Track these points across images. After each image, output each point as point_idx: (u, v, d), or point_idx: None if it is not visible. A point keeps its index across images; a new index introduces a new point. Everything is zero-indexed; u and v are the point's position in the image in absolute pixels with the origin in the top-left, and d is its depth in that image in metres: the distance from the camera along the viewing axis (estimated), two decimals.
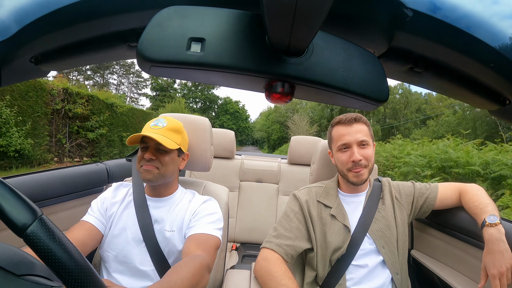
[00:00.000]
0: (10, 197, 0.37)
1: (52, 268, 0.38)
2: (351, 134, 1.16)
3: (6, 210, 0.36)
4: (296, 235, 1.17)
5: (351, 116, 1.18)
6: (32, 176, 1.36)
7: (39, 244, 0.37)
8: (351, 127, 1.17)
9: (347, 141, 1.16)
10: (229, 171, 2.65)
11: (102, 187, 1.73)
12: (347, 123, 1.18)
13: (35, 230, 0.37)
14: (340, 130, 1.19)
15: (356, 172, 1.15)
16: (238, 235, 2.57)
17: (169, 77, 0.49)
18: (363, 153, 1.15)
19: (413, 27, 0.49)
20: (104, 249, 1.09)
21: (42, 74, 0.64)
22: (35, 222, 0.37)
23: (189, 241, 1.03)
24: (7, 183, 0.39)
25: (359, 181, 1.15)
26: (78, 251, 0.41)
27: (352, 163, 1.14)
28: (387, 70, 0.52)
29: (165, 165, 1.09)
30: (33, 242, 0.37)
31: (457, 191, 1.22)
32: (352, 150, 1.15)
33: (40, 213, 0.39)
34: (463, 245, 1.23)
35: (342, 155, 1.18)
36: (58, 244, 0.38)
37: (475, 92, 0.61)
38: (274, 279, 1.05)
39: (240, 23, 0.44)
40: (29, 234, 0.36)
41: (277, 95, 0.47)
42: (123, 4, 0.48)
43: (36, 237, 0.37)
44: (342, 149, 1.18)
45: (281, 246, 1.14)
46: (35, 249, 0.37)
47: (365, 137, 1.16)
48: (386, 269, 1.14)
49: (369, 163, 1.16)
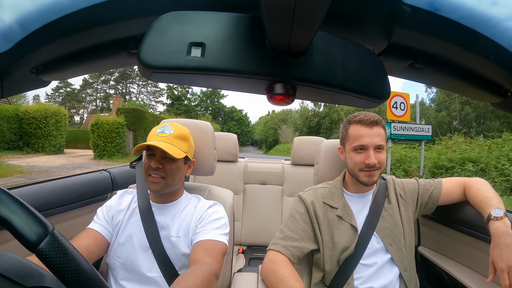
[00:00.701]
0: (21, 213, 0.37)
1: (64, 282, 0.38)
2: (370, 136, 1.13)
3: (18, 226, 0.37)
4: (302, 237, 1.17)
5: (372, 118, 1.15)
6: (36, 186, 1.36)
7: (52, 260, 0.37)
8: (371, 129, 1.14)
9: (365, 143, 1.13)
10: (233, 174, 2.64)
11: (106, 195, 1.73)
12: (368, 124, 1.15)
13: (47, 246, 0.37)
14: (359, 130, 1.16)
15: (368, 173, 1.14)
16: (244, 238, 2.56)
17: (170, 83, 0.50)
18: (378, 157, 1.13)
19: (412, 23, 0.49)
20: (110, 257, 1.09)
21: (43, 84, 0.64)
22: (47, 237, 0.37)
23: (196, 247, 1.02)
24: (17, 198, 0.39)
25: (370, 181, 1.14)
26: (90, 265, 0.41)
27: (366, 165, 1.13)
28: (387, 67, 0.52)
29: (172, 174, 1.09)
30: (46, 257, 0.37)
31: (461, 186, 1.22)
32: (368, 153, 1.13)
33: (52, 228, 0.39)
34: (470, 239, 1.23)
35: (356, 156, 1.16)
36: (71, 258, 0.38)
37: (476, 86, 0.61)
38: (281, 281, 1.04)
39: (240, 26, 0.44)
40: (42, 250, 0.37)
41: (279, 97, 0.47)
42: (122, 11, 0.49)
43: (48, 253, 0.37)
44: (357, 149, 1.15)
45: (288, 248, 1.14)
46: (47, 264, 0.37)
47: (382, 141, 1.14)
48: (394, 266, 1.13)
49: (382, 167, 1.15)
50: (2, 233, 1.12)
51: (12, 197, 0.38)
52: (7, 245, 1.15)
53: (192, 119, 1.37)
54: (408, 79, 0.71)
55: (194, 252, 1.01)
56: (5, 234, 1.12)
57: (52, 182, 1.46)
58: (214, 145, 1.34)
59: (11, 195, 0.38)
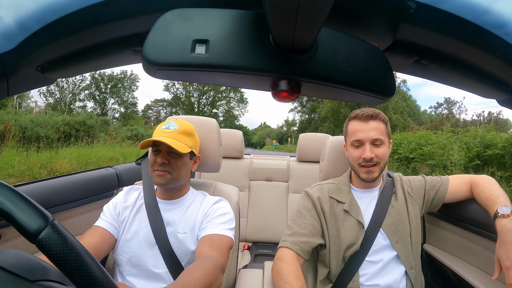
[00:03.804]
0: (21, 204, 0.38)
1: (65, 273, 0.38)
2: (365, 131, 1.14)
3: (18, 217, 0.37)
4: (311, 231, 1.17)
5: (367, 112, 1.16)
6: (43, 183, 1.38)
7: (52, 250, 0.37)
8: (366, 123, 1.15)
9: (360, 138, 1.14)
10: (239, 171, 2.65)
11: (112, 192, 1.74)
12: (363, 119, 1.16)
13: (47, 236, 0.37)
14: (355, 125, 1.17)
15: (367, 169, 1.14)
16: (250, 235, 2.57)
17: (175, 80, 0.50)
18: (376, 151, 1.13)
19: (417, 19, 0.48)
20: (117, 253, 1.10)
21: (49, 82, 0.64)
22: (47, 228, 0.37)
23: (202, 242, 1.03)
24: (17, 190, 0.39)
25: (369, 178, 1.14)
26: (91, 255, 0.41)
27: (363, 160, 1.13)
28: (393, 64, 0.52)
29: (178, 169, 1.09)
30: (46, 247, 0.37)
31: (468, 183, 1.21)
32: (364, 147, 1.13)
33: (52, 219, 0.39)
34: (475, 237, 1.22)
35: (354, 151, 1.17)
36: (71, 248, 0.38)
37: (482, 82, 0.61)
38: (281, 277, 1.05)
39: (244, 23, 0.44)
40: (42, 240, 0.37)
41: (284, 94, 0.47)
42: (127, 9, 0.49)
43: (48, 243, 0.37)
44: (355, 144, 1.16)
45: (297, 244, 1.14)
46: (48, 254, 0.37)
47: (380, 135, 1.13)
48: (400, 264, 1.13)
49: (381, 162, 1.14)
50: (8, 230, 1.13)
51: (12, 189, 0.39)
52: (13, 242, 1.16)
53: (197, 116, 1.37)
54: (413, 75, 0.70)
55: (200, 247, 1.02)
56: (11, 231, 1.14)
57: (59, 179, 1.48)
58: (219, 141, 1.34)
59: (11, 187, 0.39)
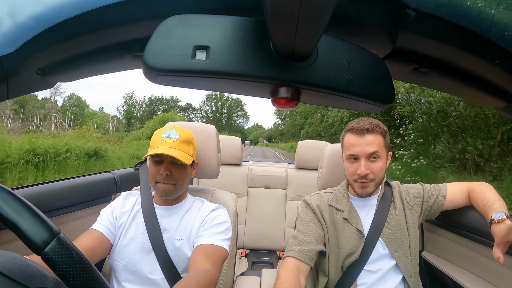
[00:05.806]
0: (28, 216, 0.38)
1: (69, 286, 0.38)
2: (360, 145, 1.10)
3: (24, 229, 0.37)
4: (316, 238, 1.15)
5: (363, 125, 1.11)
6: (40, 186, 1.37)
7: (57, 264, 0.37)
8: (362, 138, 1.10)
9: (355, 153, 1.11)
10: (237, 177, 2.64)
11: (110, 197, 1.73)
12: (358, 133, 1.11)
13: (53, 250, 0.37)
14: (350, 139, 1.13)
15: (362, 184, 1.11)
16: (247, 242, 2.55)
17: (175, 86, 0.50)
18: (372, 166, 1.10)
19: (416, 27, 0.49)
20: (113, 259, 1.09)
21: (49, 85, 0.64)
22: (53, 241, 0.37)
23: (197, 251, 1.02)
24: (25, 201, 0.39)
25: (364, 193, 1.12)
26: (96, 270, 0.41)
27: (358, 176, 1.10)
28: (392, 71, 0.52)
29: (181, 180, 1.09)
30: (52, 261, 0.37)
31: (465, 191, 1.21)
32: (359, 162, 1.10)
33: (58, 232, 0.39)
34: (474, 245, 1.22)
35: (349, 166, 1.14)
36: (77, 263, 0.38)
37: (481, 90, 0.61)
38: (277, 283, 1.03)
39: (244, 30, 0.44)
40: (48, 254, 0.37)
41: (283, 101, 0.47)
42: (128, 14, 0.49)
43: (54, 257, 0.37)
44: (350, 159, 1.13)
45: (303, 253, 1.11)
46: (53, 267, 0.37)
47: (377, 149, 1.09)
48: (399, 273, 1.12)
49: (377, 177, 1.11)
50: (5, 232, 1.12)
51: (19, 199, 0.38)
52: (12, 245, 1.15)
53: (195, 122, 1.37)
54: (412, 83, 0.70)
55: (195, 256, 1.00)
56: (9, 233, 1.13)
57: (56, 183, 1.47)
58: (218, 148, 1.34)
59: (18, 197, 0.38)
